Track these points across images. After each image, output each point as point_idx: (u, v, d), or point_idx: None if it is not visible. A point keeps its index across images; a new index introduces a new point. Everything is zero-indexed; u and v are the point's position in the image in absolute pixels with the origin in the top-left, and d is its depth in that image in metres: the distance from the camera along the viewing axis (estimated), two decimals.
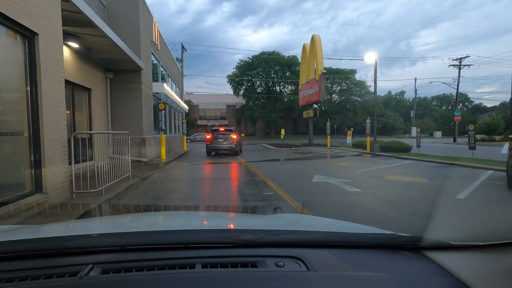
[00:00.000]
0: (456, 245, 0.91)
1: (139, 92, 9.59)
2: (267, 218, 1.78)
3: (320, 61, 20.85)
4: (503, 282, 0.73)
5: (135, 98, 9.54)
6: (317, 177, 7.28)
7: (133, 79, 9.48)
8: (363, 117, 53.95)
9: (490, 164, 9.49)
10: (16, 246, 0.95)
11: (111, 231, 1.22)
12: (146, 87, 10.25)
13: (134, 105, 9.52)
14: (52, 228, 1.38)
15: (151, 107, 11.28)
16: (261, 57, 45.19)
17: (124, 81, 9.37)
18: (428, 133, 61.89)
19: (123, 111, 9.39)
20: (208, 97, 53.90)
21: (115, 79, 9.28)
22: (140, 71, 9.50)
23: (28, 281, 0.78)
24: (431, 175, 7.94)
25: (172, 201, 5.23)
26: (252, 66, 45.38)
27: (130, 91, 9.46)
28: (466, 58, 29.81)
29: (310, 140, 23.39)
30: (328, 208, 4.58)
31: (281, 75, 46.50)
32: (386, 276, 0.84)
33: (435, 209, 4.43)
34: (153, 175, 8.02)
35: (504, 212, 4.55)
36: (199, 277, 0.80)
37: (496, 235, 0.88)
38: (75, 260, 0.89)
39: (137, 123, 9.54)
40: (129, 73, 9.39)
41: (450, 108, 76.38)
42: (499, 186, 6.43)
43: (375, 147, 16.03)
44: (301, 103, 25.59)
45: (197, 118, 51.48)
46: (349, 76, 51.57)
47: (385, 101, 63.43)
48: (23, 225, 2.03)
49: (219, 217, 1.83)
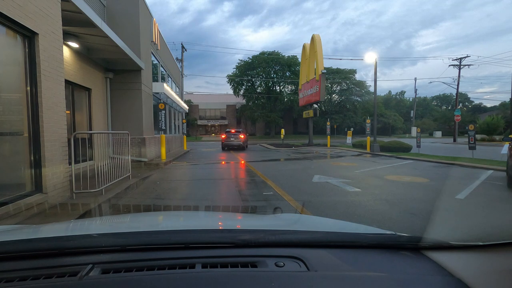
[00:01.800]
0: (456, 245, 0.91)
1: (139, 92, 9.59)
2: (267, 218, 1.78)
3: (320, 61, 20.85)
4: (503, 282, 0.73)
5: (135, 98, 9.54)
6: (317, 177, 7.29)
7: (133, 79, 9.48)
8: (363, 117, 54.01)
9: (490, 164, 9.50)
10: (16, 246, 0.95)
11: (111, 231, 1.22)
12: (146, 87, 10.26)
13: (134, 105, 9.53)
14: (52, 228, 1.38)
15: (151, 107, 11.29)
16: (261, 57, 45.17)
17: (124, 81, 9.37)
18: (428, 133, 61.94)
19: (123, 111, 9.39)
20: (208, 97, 53.94)
21: (115, 79, 9.28)
22: (140, 71, 9.51)
23: (28, 281, 0.78)
24: (431, 175, 7.94)
25: (172, 201, 5.23)
26: (252, 66, 45.36)
27: (130, 91, 9.46)
28: (466, 58, 29.77)
29: (310, 140, 23.39)
30: (328, 208, 4.58)
31: (281, 75, 46.48)
32: (386, 276, 0.84)
33: (435, 209, 4.44)
34: (153, 175, 8.02)
35: (504, 212, 4.55)
36: (199, 277, 0.80)
37: (496, 235, 0.88)
38: (75, 260, 0.89)
39: (137, 123, 9.55)
40: (129, 73, 9.39)
41: (450, 108, 77.08)
42: (499, 186, 6.42)
43: (375, 147, 16.04)
44: (301, 103, 25.59)
45: (197, 118, 51.47)
46: (349, 76, 51.56)
47: (385, 101, 63.42)
48: (23, 225, 2.01)
49: (219, 217, 1.84)
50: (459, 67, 30.22)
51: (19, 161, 4.14)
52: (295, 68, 45.28)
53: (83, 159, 6.63)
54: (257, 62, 44.95)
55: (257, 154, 16.07)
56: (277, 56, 45.21)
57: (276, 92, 47.26)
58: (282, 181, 6.91)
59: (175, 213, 2.49)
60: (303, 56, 25.13)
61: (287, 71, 46.23)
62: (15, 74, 4.04)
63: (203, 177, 8.10)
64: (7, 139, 3.98)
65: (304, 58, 24.78)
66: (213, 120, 53.66)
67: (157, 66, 13.04)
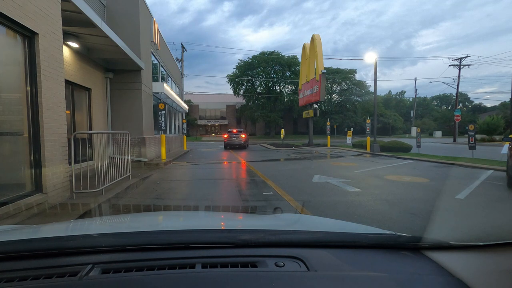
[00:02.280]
0: (456, 245, 0.91)
1: (139, 92, 9.60)
2: (267, 218, 1.78)
3: (320, 61, 20.85)
4: (503, 282, 0.73)
5: (135, 98, 9.55)
6: (317, 177, 7.29)
7: (133, 79, 9.49)
8: (363, 117, 54.02)
9: (490, 164, 9.50)
10: (16, 246, 0.95)
11: (111, 231, 1.23)
12: (146, 87, 10.26)
13: (134, 105, 9.53)
14: (52, 228, 1.38)
15: (151, 107, 11.29)
16: (261, 57, 45.17)
17: (124, 81, 9.38)
18: (428, 133, 61.95)
19: (123, 111, 9.39)
20: (208, 97, 53.93)
21: (115, 79, 9.28)
22: (140, 71, 9.51)
23: (28, 281, 0.78)
24: (431, 175, 7.94)
25: (172, 201, 5.23)
26: (252, 66, 45.35)
27: (130, 91, 9.47)
28: (466, 58, 29.77)
29: (310, 140, 23.39)
30: (329, 208, 4.58)
31: (281, 75, 46.47)
32: (386, 276, 0.84)
33: (435, 209, 4.44)
34: (153, 175, 8.02)
35: (504, 212, 4.55)
36: (199, 277, 0.80)
37: (496, 234, 0.88)
38: (75, 260, 0.89)
39: (137, 123, 9.55)
40: (129, 73, 9.40)
41: (450, 108, 77.42)
42: (499, 186, 6.42)
43: (375, 147, 16.04)
44: (301, 103, 25.60)
45: (197, 118, 51.45)
46: (349, 76, 51.53)
47: (385, 101, 63.43)
48: (23, 225, 2.01)
49: (219, 217, 1.83)
50: (459, 67, 30.19)
51: (19, 161, 4.14)
52: (295, 68, 45.25)
53: (83, 159, 6.63)
54: (257, 62, 44.94)
55: (257, 154, 16.07)
56: (277, 56, 45.21)
57: (276, 92, 47.25)
58: (282, 181, 6.91)
59: (175, 213, 2.49)
60: (303, 56, 25.13)
61: (287, 71, 46.22)
62: (15, 74, 4.04)
63: (203, 177, 8.11)
64: (7, 139, 3.98)
65: (304, 58, 24.78)
66: (213, 120, 53.64)
67: (157, 66, 13.04)
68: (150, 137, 10.37)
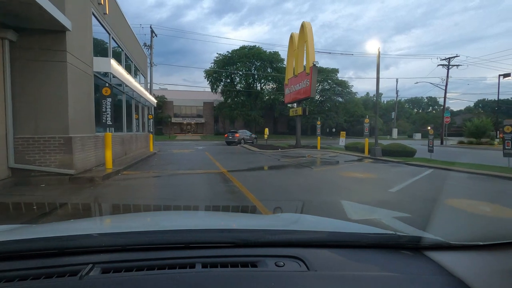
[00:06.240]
0: (456, 245, 0.94)
1: (63, 65, 6.17)
2: (267, 218, 1.87)
3: (312, 52, 18.30)
4: (503, 282, 0.74)
5: (56, 74, 6.13)
6: (348, 206, 4.42)
7: (52, 45, 6.06)
8: (344, 118, 53.11)
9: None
10: (16, 246, 0.94)
11: (111, 231, 1.21)
12: (77, 60, 6.85)
13: (53, 85, 6.10)
14: (52, 228, 1.36)
15: (91, 92, 7.89)
16: (242, 51, 42.18)
17: (36, 47, 5.95)
18: (406, 135, 62.73)
19: (34, 93, 5.98)
20: (184, 93, 50.02)
21: (21, 43, 5.87)
22: (64, 33, 6.12)
23: (28, 281, 0.78)
24: (499, 195, 5.48)
25: None
26: (231, 61, 42.21)
27: (47, 62, 6.04)
28: (453, 58, 29.14)
29: (297, 141, 20.81)
30: None
31: (262, 71, 43.79)
32: (386, 275, 0.84)
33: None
34: (60, 207, 4.75)
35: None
36: (199, 277, 0.80)
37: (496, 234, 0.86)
38: (75, 259, 0.89)
39: (58, 113, 6.14)
40: (45, 35, 5.98)
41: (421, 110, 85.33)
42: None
43: (377, 151, 13.69)
44: (287, 100, 22.95)
45: (171, 115, 47.48)
46: (331, 75, 50.21)
47: (363, 102, 63.12)
48: (23, 225, 1.77)
49: (219, 217, 1.84)
50: (447, 68, 29.58)
51: None
52: (277, 65, 42.87)
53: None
54: (237, 57, 41.92)
55: (240, 158, 13.08)
56: (258, 51, 42.42)
57: (256, 89, 44.55)
58: (288, 208, 4.02)
59: (175, 213, 2.43)
60: (290, 47, 22.49)
61: (268, 67, 43.67)
62: None
63: (159, 201, 4.99)
64: None
65: (291, 50, 22.13)
66: (189, 118, 49.87)
67: (105, 38, 9.56)
68: (82, 137, 6.97)
